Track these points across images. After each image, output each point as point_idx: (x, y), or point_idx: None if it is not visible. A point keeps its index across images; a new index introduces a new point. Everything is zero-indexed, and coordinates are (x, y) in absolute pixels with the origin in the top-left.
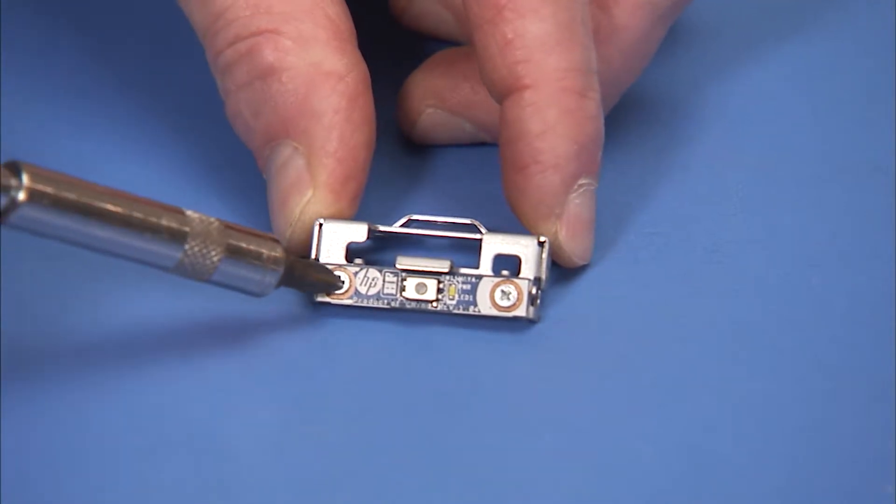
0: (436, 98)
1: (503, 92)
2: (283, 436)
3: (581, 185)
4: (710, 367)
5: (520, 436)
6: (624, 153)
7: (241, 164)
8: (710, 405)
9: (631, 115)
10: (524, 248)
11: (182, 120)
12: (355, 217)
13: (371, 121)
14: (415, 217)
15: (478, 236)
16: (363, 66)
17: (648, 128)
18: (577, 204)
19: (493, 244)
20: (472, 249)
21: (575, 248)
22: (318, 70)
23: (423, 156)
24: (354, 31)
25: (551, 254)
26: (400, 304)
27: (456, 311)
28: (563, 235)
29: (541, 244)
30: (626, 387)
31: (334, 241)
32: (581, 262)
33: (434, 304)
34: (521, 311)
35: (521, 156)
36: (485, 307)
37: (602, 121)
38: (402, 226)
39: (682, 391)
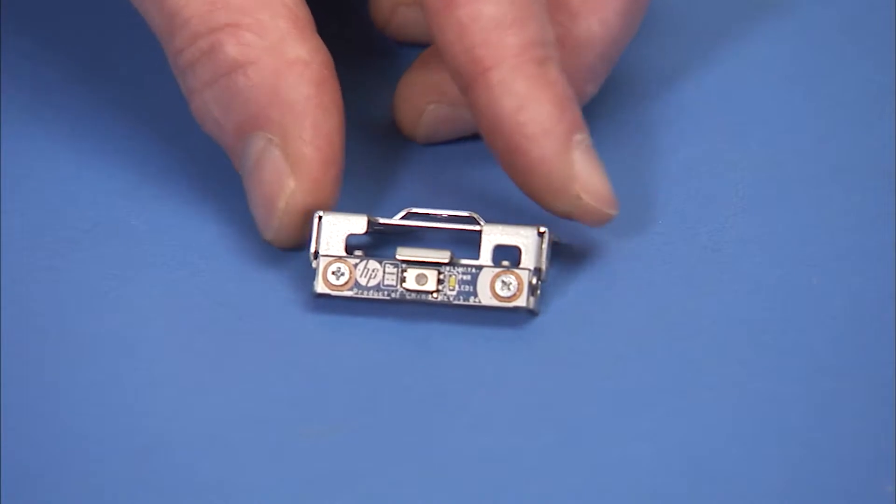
0: (436, 93)
1: (468, 79)
2: (282, 432)
3: (578, 142)
4: (710, 367)
5: (519, 433)
6: (623, 153)
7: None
8: (709, 404)
9: (631, 115)
10: (524, 238)
11: (184, 123)
12: (353, 210)
13: (339, 104)
14: (414, 210)
15: (477, 228)
16: (325, 51)
17: (648, 128)
18: (584, 160)
19: (493, 235)
20: (472, 242)
21: (600, 200)
22: (283, 59)
23: (421, 149)
24: (312, 18)
25: (584, 222)
26: (400, 294)
27: (456, 302)
28: (585, 196)
29: (540, 234)
30: (626, 386)
31: (334, 233)
32: (613, 212)
33: (434, 294)
34: (521, 302)
35: (510, 138)
36: (485, 297)
37: (567, 83)
38: (401, 219)
39: (681, 390)
